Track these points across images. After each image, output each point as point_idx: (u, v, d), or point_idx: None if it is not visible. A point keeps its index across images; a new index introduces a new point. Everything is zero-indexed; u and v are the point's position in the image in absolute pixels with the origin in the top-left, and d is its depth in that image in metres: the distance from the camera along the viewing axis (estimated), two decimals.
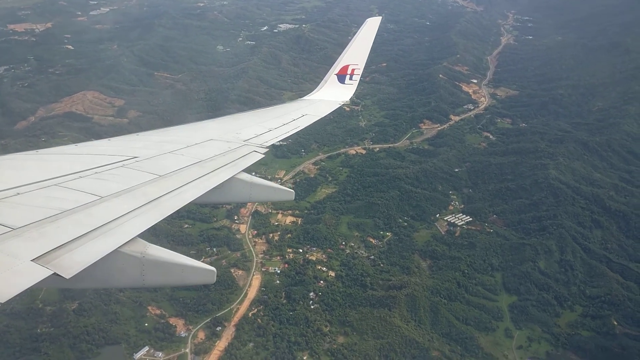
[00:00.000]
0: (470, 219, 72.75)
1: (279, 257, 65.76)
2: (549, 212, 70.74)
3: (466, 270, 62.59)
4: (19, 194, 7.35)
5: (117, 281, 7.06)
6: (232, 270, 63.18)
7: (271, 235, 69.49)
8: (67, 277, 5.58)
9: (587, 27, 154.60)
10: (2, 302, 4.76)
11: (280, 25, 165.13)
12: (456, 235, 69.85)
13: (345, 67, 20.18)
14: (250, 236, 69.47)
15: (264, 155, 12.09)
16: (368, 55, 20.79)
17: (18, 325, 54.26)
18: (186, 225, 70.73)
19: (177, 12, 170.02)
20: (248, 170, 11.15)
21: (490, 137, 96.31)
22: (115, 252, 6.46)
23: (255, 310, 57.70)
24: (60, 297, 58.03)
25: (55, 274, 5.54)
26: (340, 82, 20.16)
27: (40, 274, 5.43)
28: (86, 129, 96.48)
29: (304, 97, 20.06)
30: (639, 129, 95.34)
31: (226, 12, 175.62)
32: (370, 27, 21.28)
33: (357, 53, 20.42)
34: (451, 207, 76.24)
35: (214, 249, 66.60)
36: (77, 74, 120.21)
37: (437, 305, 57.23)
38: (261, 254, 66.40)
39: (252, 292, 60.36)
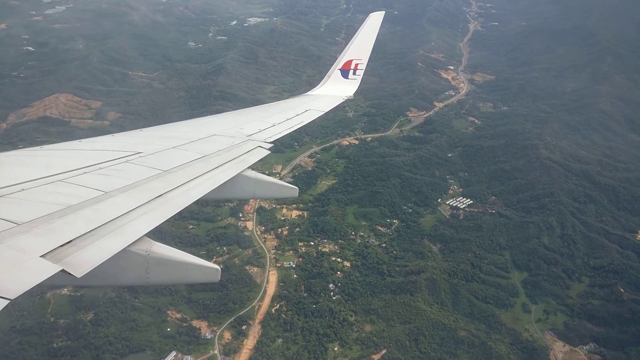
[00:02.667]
0: (471, 201, 74.78)
1: (291, 252, 65.49)
2: (546, 190, 73.66)
3: (477, 251, 64.39)
4: (23, 189, 7.25)
5: (122, 279, 7.03)
6: (247, 268, 62.51)
7: (280, 230, 69.05)
8: (78, 275, 5.44)
9: (548, 12, 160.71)
10: (12, 298, 4.64)
11: (250, 19, 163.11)
12: (461, 218, 71.66)
13: (349, 62, 20.20)
14: (258, 232, 68.79)
15: (269, 152, 11.99)
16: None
17: (32, 341, 51.96)
18: (191, 226, 69.26)
19: (140, 9, 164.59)
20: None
21: (476, 121, 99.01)
22: (121, 249, 6.38)
23: (278, 305, 57.37)
24: (72, 308, 55.92)
25: (63, 271, 5.40)
26: (344, 77, 20.17)
27: (49, 270, 5.28)
28: (65, 133, 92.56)
29: (308, 92, 20.09)
30: (612, 107, 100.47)
31: (192, 7, 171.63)
32: (373, 22, 21.32)
33: (360, 48, 20.45)
34: (451, 191, 78.09)
35: (224, 248, 65.61)
36: (45, 76, 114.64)
37: (456, 287, 58.73)
38: (273, 249, 65.90)
39: (271, 288, 59.93)
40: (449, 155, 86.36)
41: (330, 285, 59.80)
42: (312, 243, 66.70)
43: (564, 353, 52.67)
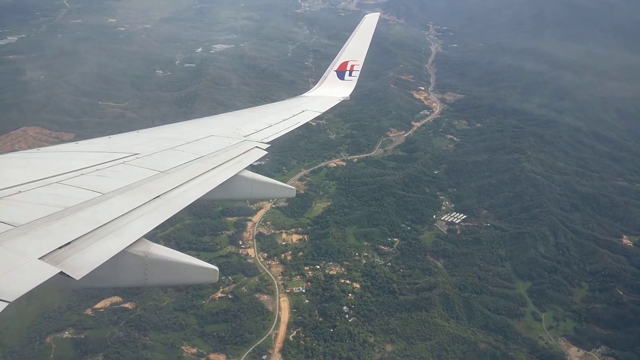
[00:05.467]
0: (465, 216, 76.70)
1: (299, 277, 64.57)
2: (534, 201, 76.79)
3: (481, 264, 65.90)
4: (20, 192, 7.32)
5: (120, 280, 7.06)
6: (257, 296, 61.08)
7: (283, 255, 68.04)
8: (77, 278, 5.48)
9: (501, 34, 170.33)
10: (11, 300, 4.67)
11: (215, 46, 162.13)
12: (458, 233, 73.26)
13: (345, 64, 20.21)
14: (261, 259, 67.50)
15: (266, 152, 12.19)
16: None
17: None
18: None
19: (100, 38, 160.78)
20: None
21: (455, 138, 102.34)
22: (120, 251, 6.44)
23: (295, 332, 56.22)
24: (77, 352, 52.71)
25: (62, 273, 5.43)
26: (340, 78, 20.21)
27: (48, 272, 5.31)
28: None
29: (304, 94, 20.26)
30: (576, 120, 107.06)
31: (154, 35, 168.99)
32: (369, 23, 21.20)
33: (356, 49, 20.43)
34: (443, 207, 79.84)
35: (230, 278, 63.79)
36: (7, 109, 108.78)
37: (469, 300, 59.71)
38: (279, 275, 64.77)
39: (285, 315, 58.72)
40: (435, 172, 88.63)
41: (344, 307, 59.27)
42: (318, 266, 66.12)
43: (579, 358, 54.43)
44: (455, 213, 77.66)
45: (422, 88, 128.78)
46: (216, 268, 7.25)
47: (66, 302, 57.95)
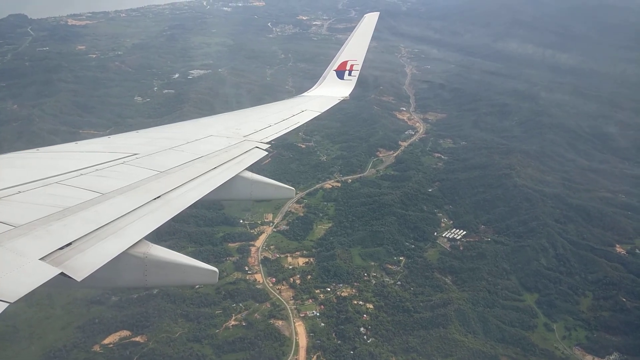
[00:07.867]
0: (465, 232, 77.94)
1: (311, 300, 63.73)
2: (530, 215, 78.92)
3: (489, 278, 66.85)
4: (20, 192, 7.31)
5: (119, 281, 7.08)
6: (272, 322, 59.83)
7: (291, 279, 67.15)
8: (79, 279, 5.49)
9: (473, 55, 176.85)
10: (12, 301, 4.65)
11: (192, 72, 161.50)
12: (461, 249, 74.26)
13: (344, 63, 20.25)
14: (270, 284, 66.37)
15: (266, 152, 12.22)
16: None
17: None
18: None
19: (71, 65, 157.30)
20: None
21: (442, 156, 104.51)
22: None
23: (315, 357, 55.20)
24: None
25: (62, 274, 5.45)
26: (339, 78, 20.27)
27: (48, 273, 5.31)
28: None
29: (303, 94, 20.28)
30: (555, 135, 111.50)
31: (128, 62, 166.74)
32: (368, 23, 21.20)
33: (355, 49, 20.45)
34: (443, 224, 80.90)
35: (241, 305, 62.40)
36: None
37: (483, 315, 60.32)
38: (291, 299, 63.76)
39: (302, 340, 57.64)
40: (430, 190, 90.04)
41: (361, 329, 58.73)
42: (329, 289, 65.48)
43: None
44: (455, 229, 78.81)
45: (404, 109, 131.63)
46: (216, 269, 7.24)
47: (71, 340, 55.10)
